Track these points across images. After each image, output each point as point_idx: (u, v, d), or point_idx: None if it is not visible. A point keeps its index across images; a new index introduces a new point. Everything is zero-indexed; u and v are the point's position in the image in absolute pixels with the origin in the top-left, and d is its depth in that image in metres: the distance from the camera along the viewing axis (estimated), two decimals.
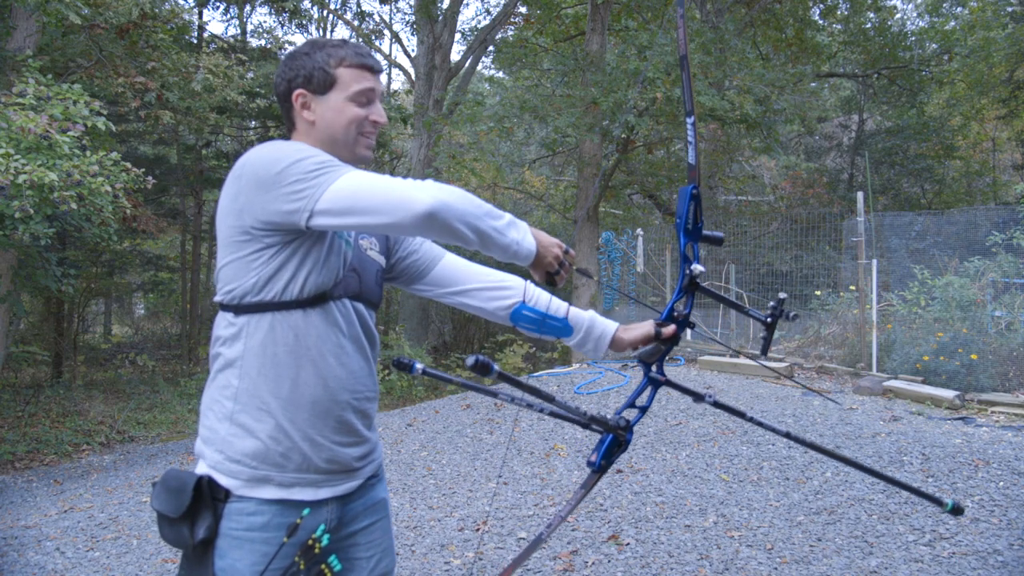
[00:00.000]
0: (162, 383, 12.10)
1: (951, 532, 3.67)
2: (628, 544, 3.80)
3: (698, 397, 1.78)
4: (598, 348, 1.74)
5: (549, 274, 1.50)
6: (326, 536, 1.36)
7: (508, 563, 1.78)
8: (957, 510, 1.86)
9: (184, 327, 15.95)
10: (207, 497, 1.39)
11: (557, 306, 1.70)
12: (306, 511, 1.40)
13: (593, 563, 3.59)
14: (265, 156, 1.37)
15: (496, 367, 1.33)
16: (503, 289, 1.66)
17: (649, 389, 1.78)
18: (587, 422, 1.62)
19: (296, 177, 1.32)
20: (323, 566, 1.38)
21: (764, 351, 1.88)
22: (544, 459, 5.46)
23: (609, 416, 1.67)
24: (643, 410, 1.77)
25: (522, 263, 1.45)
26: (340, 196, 1.31)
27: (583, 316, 1.73)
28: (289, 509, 1.42)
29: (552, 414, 1.59)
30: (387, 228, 1.31)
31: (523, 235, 1.43)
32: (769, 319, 1.78)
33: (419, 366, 1.38)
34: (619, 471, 4.95)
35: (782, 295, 1.82)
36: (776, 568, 3.42)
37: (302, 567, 1.37)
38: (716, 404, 1.78)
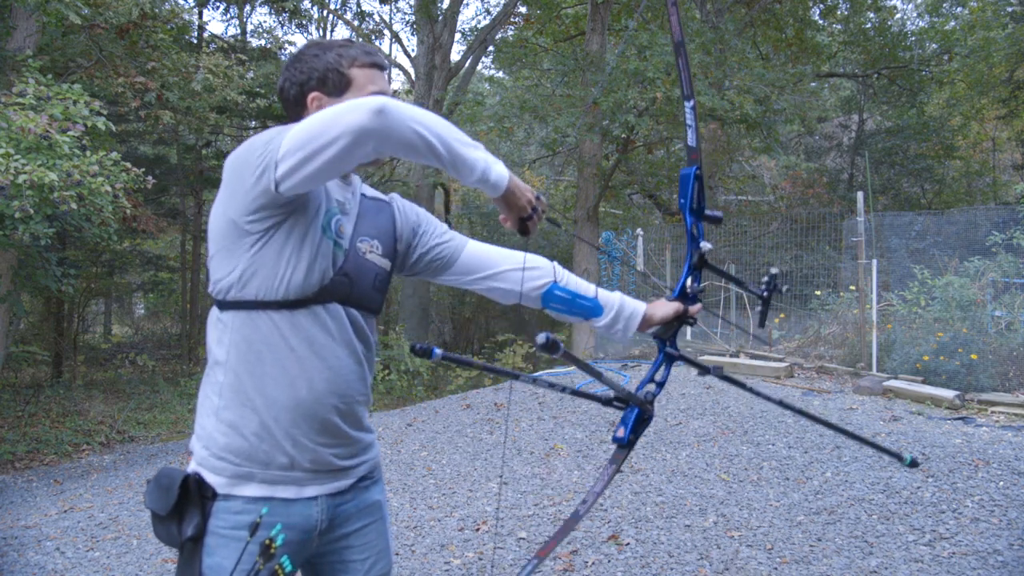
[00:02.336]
0: (162, 383, 12.10)
1: (951, 532, 3.67)
2: (628, 544, 3.80)
3: (704, 370, 1.82)
4: (628, 328, 1.72)
5: (522, 220, 1.46)
6: (281, 536, 1.35)
7: (541, 546, 1.79)
8: (914, 463, 1.98)
9: (184, 327, 15.95)
10: (195, 495, 1.39)
11: (586, 287, 1.69)
12: (264, 509, 1.38)
13: (593, 563, 3.59)
14: (239, 150, 1.39)
15: (563, 347, 1.33)
16: (534, 269, 1.64)
17: (665, 364, 1.81)
18: (626, 398, 1.66)
19: (261, 150, 1.32)
20: (277, 567, 1.37)
21: (761, 323, 1.95)
22: (544, 459, 5.46)
23: (634, 389, 1.70)
24: (661, 385, 1.81)
25: (491, 192, 1.40)
26: (294, 137, 1.28)
27: (612, 297, 1.71)
28: (276, 508, 1.42)
29: (575, 394, 1.63)
30: (345, 154, 1.26)
31: (493, 162, 1.37)
32: (765, 293, 1.85)
33: (438, 351, 1.39)
34: (619, 471, 4.94)
35: (774, 270, 1.87)
36: (776, 568, 3.42)
37: (261, 567, 1.35)
38: (723, 377, 1.82)
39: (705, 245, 1.74)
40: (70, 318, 14.22)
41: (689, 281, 1.77)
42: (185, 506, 1.39)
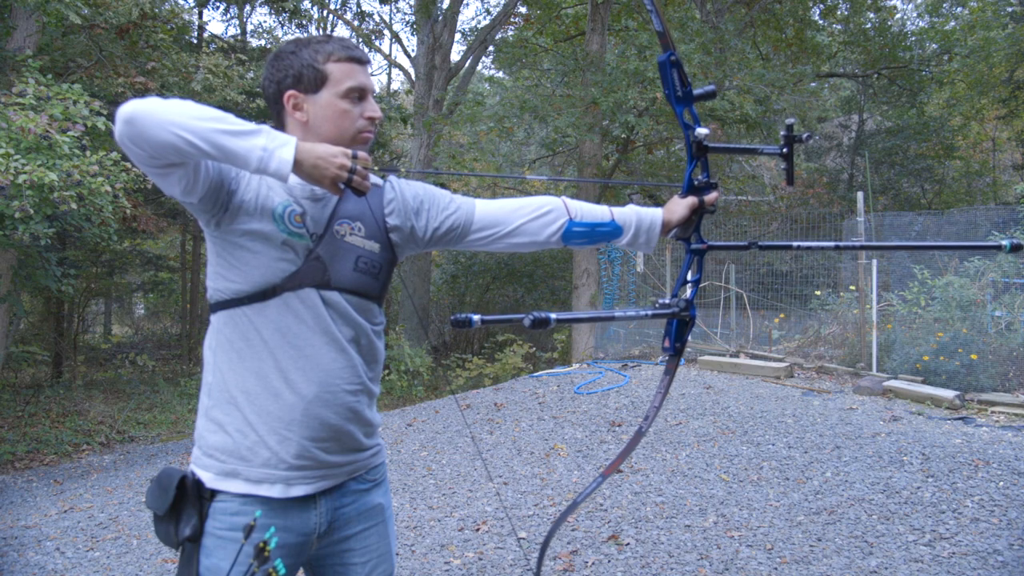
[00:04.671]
0: (162, 383, 12.10)
1: (951, 532, 3.67)
2: (628, 544, 3.80)
3: (744, 247, 1.79)
4: (650, 239, 1.72)
5: (347, 185, 1.35)
6: (274, 539, 1.35)
7: (612, 460, 1.83)
8: (1016, 247, 1.70)
9: (184, 327, 15.96)
10: (192, 495, 1.40)
11: (601, 212, 1.68)
12: (258, 512, 1.38)
13: (593, 563, 3.59)
14: None
15: (553, 317, 1.37)
16: (547, 214, 1.63)
17: (696, 261, 1.80)
18: (651, 317, 1.68)
19: None
20: (271, 570, 1.37)
21: (790, 181, 1.82)
22: (544, 459, 5.46)
23: (668, 300, 1.70)
24: (696, 283, 1.80)
25: (281, 178, 1.29)
26: None
27: (628, 213, 1.70)
28: (274, 511, 1.42)
29: (614, 319, 1.69)
30: (142, 163, 1.29)
31: (278, 146, 1.26)
32: (785, 149, 1.75)
33: (476, 318, 1.38)
34: (619, 471, 4.95)
35: (790, 120, 1.76)
36: (776, 568, 3.42)
37: (256, 570, 1.35)
38: (761, 247, 1.80)
39: (701, 131, 1.66)
40: (70, 318, 14.22)
41: (698, 171, 1.71)
42: (182, 506, 1.40)
